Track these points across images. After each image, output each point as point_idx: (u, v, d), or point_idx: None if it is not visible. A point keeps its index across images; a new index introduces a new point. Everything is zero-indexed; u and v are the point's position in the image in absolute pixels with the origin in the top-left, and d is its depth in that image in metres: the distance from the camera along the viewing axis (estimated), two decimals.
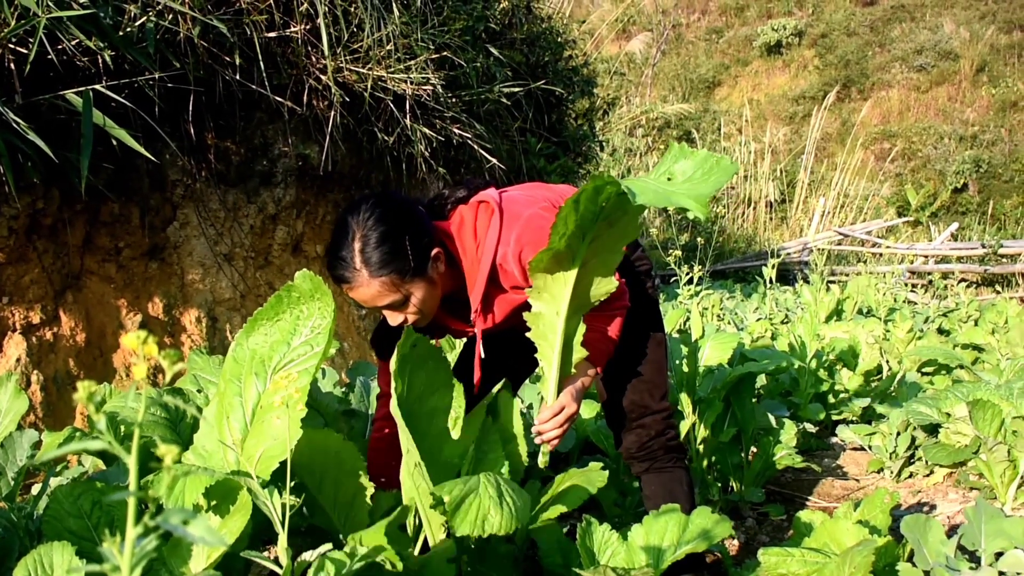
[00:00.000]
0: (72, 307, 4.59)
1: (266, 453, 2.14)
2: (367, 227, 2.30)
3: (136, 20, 4.37)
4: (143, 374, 0.88)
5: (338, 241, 2.33)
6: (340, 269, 2.32)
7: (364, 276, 2.29)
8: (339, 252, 2.32)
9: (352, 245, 2.29)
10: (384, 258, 2.29)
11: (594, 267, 2.22)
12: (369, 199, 2.39)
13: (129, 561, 0.87)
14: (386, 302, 2.36)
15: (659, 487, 2.88)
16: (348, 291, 2.35)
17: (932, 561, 2.54)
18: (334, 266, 2.33)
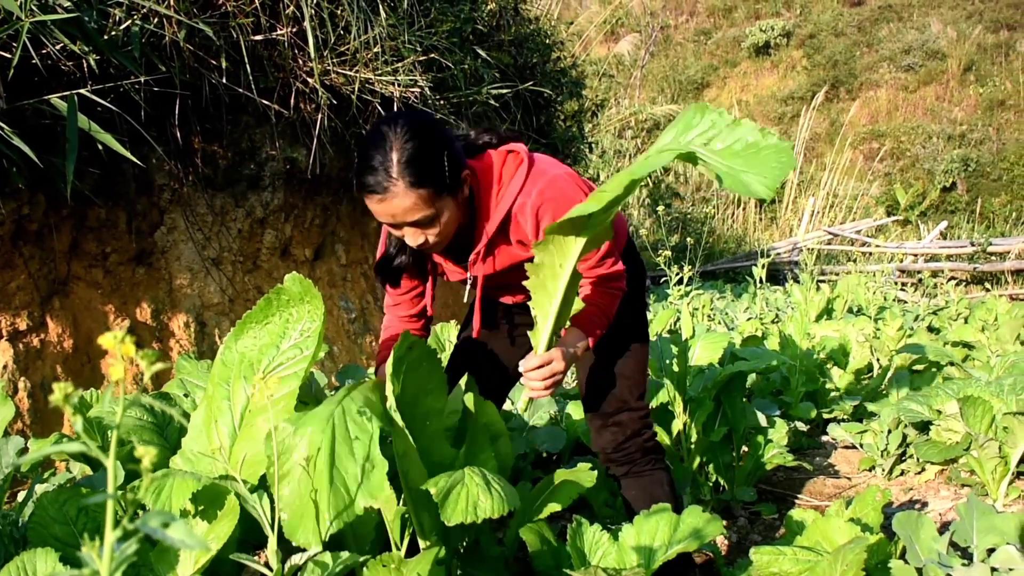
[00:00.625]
0: (59, 313, 4.56)
1: (255, 457, 2.12)
2: (407, 137, 2.23)
3: (121, 24, 4.35)
4: (120, 374, 0.86)
5: (373, 150, 2.23)
6: (374, 178, 2.22)
7: (400, 187, 2.22)
8: (373, 161, 2.22)
9: (390, 155, 2.21)
10: (423, 171, 2.23)
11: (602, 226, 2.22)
12: (405, 114, 2.33)
13: (108, 565, 0.86)
14: (415, 217, 2.29)
15: (639, 491, 2.87)
16: (378, 202, 2.26)
17: (924, 558, 2.53)
18: (366, 174, 2.23)
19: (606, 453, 2.88)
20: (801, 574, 2.45)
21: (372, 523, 2.46)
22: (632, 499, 2.87)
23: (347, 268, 6.97)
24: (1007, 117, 28.40)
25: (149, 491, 1.97)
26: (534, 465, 4.17)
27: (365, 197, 2.27)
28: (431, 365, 2.47)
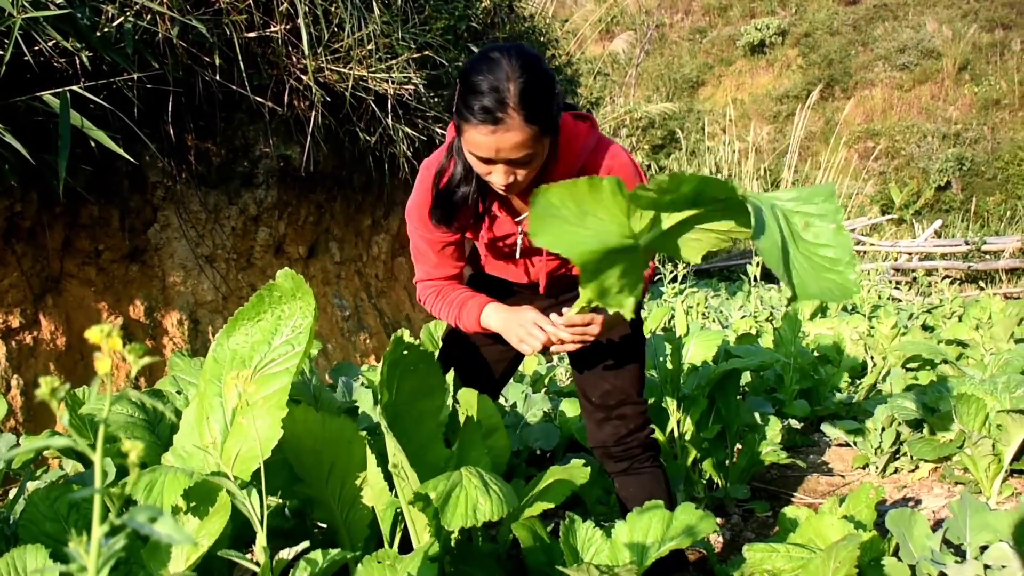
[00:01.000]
0: (52, 311, 4.55)
1: (246, 453, 2.12)
2: (523, 70, 2.14)
3: (114, 21, 4.34)
4: (107, 368, 0.86)
5: (487, 76, 2.14)
6: (490, 106, 2.12)
7: (516, 120, 2.13)
8: (488, 87, 2.12)
9: (508, 85, 2.12)
10: (538, 106, 2.16)
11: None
12: (513, 45, 2.22)
13: (96, 560, 0.85)
14: (519, 154, 2.20)
15: (638, 489, 2.86)
16: (487, 133, 2.15)
17: (917, 555, 2.53)
18: (479, 100, 2.13)
19: (606, 447, 2.87)
20: (794, 571, 2.45)
21: (366, 520, 2.46)
22: (630, 496, 2.86)
23: (341, 265, 6.97)
24: (1002, 116, 28.42)
25: (140, 487, 1.97)
26: (528, 462, 4.17)
27: (471, 127, 2.16)
28: (428, 367, 2.46)
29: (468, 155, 2.28)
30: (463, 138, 2.24)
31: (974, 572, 2.41)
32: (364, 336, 6.89)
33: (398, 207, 7.61)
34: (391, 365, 2.27)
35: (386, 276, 7.64)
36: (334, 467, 2.39)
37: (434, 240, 2.64)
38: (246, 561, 1.93)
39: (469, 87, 2.15)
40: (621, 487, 2.92)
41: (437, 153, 2.54)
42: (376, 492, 2.40)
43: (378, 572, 2.05)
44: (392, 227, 7.62)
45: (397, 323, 7.37)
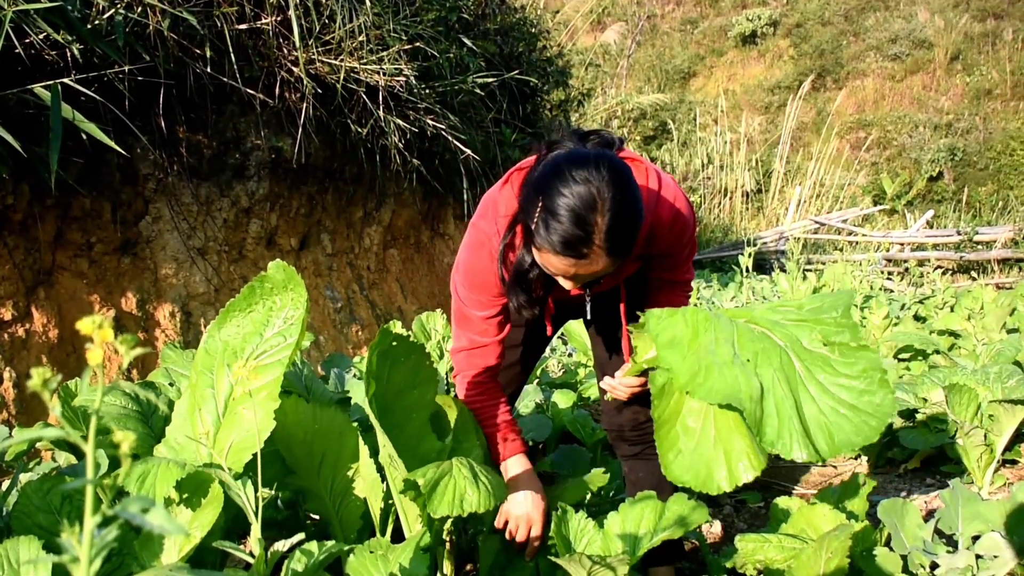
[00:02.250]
0: (44, 303, 4.55)
1: (239, 444, 2.12)
2: (616, 199, 2.00)
3: (104, 13, 4.33)
4: (99, 359, 0.86)
5: (576, 203, 2.00)
6: (578, 241, 2.01)
7: (601, 254, 2.04)
8: (579, 220, 1.99)
9: (596, 218, 1.99)
10: (628, 240, 2.06)
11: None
12: (605, 158, 2.06)
13: (88, 551, 0.86)
14: (599, 276, 2.19)
15: (648, 474, 2.86)
16: (571, 265, 2.07)
17: (909, 545, 2.54)
18: (568, 235, 2.01)
19: (622, 432, 2.86)
20: (786, 561, 2.45)
21: (358, 512, 2.46)
22: (639, 480, 2.86)
23: (333, 257, 6.96)
24: (994, 106, 28.47)
25: (133, 479, 1.97)
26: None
27: (549, 252, 2.07)
28: (418, 358, 2.46)
29: (539, 259, 2.18)
30: (537, 251, 2.14)
31: (966, 562, 2.42)
32: (356, 328, 6.88)
33: (389, 199, 7.60)
34: (380, 356, 2.27)
35: (378, 268, 7.63)
36: (325, 458, 2.40)
37: (485, 304, 2.53)
38: (240, 552, 1.93)
39: (552, 211, 2.02)
40: (631, 470, 2.93)
41: (487, 213, 2.42)
42: (368, 483, 2.40)
43: (370, 562, 2.06)
44: (384, 219, 7.62)
45: (389, 315, 7.37)
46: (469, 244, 2.48)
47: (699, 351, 1.79)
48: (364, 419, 3.17)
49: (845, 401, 1.73)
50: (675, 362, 1.78)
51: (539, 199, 2.06)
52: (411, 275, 8.13)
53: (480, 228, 2.44)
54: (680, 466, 1.94)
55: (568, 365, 6.14)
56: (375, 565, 2.06)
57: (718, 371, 1.73)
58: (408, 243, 8.21)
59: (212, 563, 2.24)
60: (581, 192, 1.99)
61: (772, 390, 1.74)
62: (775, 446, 1.69)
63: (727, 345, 1.81)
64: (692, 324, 1.85)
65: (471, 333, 2.59)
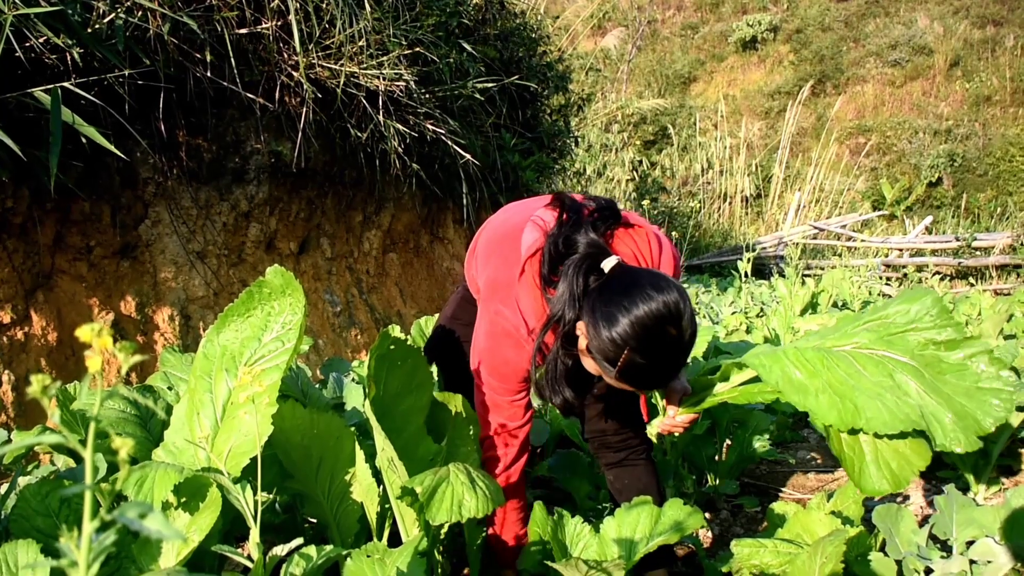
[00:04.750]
0: (43, 306, 4.55)
1: (237, 449, 2.13)
2: (693, 341, 2.24)
3: (105, 17, 4.34)
4: (98, 366, 0.87)
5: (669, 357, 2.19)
6: (663, 381, 2.27)
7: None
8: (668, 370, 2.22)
9: (679, 360, 2.22)
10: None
11: None
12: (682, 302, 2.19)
13: (86, 555, 0.87)
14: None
15: (633, 481, 2.88)
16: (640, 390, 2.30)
17: (904, 550, 2.55)
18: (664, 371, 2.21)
19: (605, 437, 2.88)
20: (782, 566, 2.46)
21: (355, 516, 2.47)
22: (624, 488, 2.87)
23: (332, 261, 6.97)
24: (993, 112, 28.49)
25: (131, 483, 1.98)
26: None
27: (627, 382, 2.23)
28: (416, 362, 2.47)
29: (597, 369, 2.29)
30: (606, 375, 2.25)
31: (960, 567, 2.43)
32: (355, 332, 6.89)
33: (389, 203, 7.61)
34: (379, 360, 2.28)
35: (377, 272, 7.64)
36: (323, 463, 2.40)
37: (515, 390, 2.57)
38: (239, 556, 1.94)
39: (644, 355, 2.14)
40: (615, 479, 2.93)
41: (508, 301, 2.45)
42: (365, 487, 2.42)
43: (367, 566, 2.07)
44: (383, 223, 7.62)
45: (388, 319, 7.37)
46: (493, 333, 2.49)
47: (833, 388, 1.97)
48: (361, 424, 3.18)
49: (973, 388, 1.93)
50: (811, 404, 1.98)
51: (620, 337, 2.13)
52: (410, 279, 8.13)
53: (504, 317, 2.45)
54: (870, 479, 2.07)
55: None
56: (372, 569, 2.06)
57: (874, 405, 1.91)
58: (408, 247, 8.22)
59: (211, 567, 2.25)
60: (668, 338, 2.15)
61: (923, 403, 1.92)
62: (946, 447, 1.90)
63: (860, 377, 1.98)
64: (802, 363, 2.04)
65: (501, 418, 2.60)
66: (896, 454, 2.03)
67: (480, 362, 2.55)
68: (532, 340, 2.38)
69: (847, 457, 2.08)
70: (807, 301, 8.74)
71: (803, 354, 2.03)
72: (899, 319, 2.05)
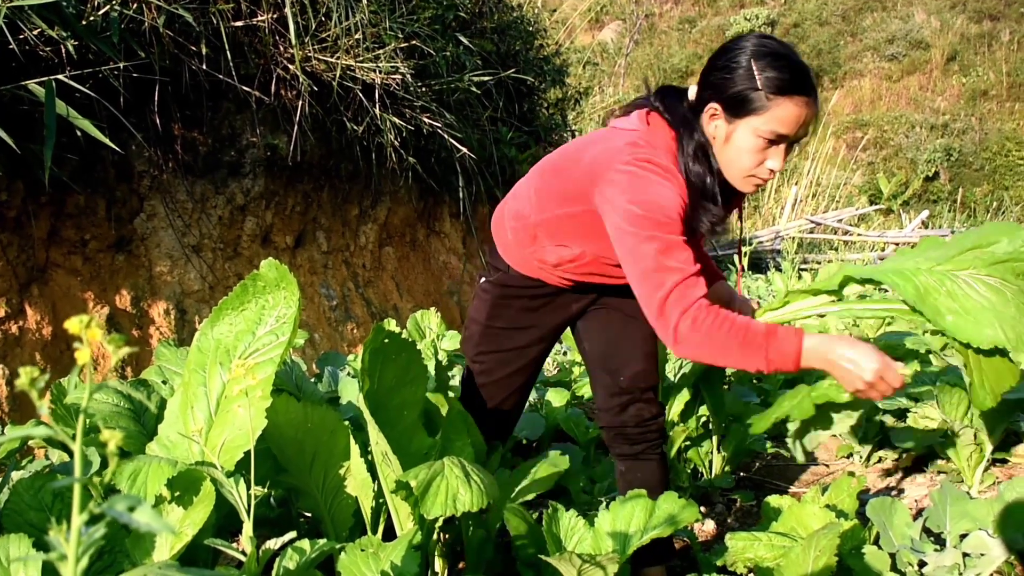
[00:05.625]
0: (38, 300, 4.55)
1: (231, 443, 2.13)
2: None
3: (100, 9, 4.33)
4: (87, 358, 0.87)
5: (790, 55, 2.23)
6: (808, 77, 2.22)
7: (816, 94, 2.25)
8: (798, 64, 2.22)
9: (799, 59, 2.24)
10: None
11: None
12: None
13: (76, 549, 0.86)
14: (808, 129, 2.29)
15: (648, 475, 2.86)
16: (807, 104, 2.21)
17: (898, 544, 2.56)
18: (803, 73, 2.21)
19: (624, 429, 2.83)
20: (776, 560, 2.47)
21: (350, 510, 2.47)
22: (635, 481, 2.83)
23: (328, 255, 6.97)
24: (990, 107, 28.50)
25: (124, 477, 1.97)
26: (513, 452, 4.17)
27: (789, 101, 2.19)
28: (410, 356, 2.47)
29: (753, 141, 2.24)
30: (761, 117, 2.20)
31: (953, 560, 2.43)
32: (351, 326, 6.89)
33: (385, 197, 7.60)
34: (373, 353, 2.28)
35: (373, 266, 7.63)
36: (317, 457, 2.40)
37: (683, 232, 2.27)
38: (232, 550, 1.94)
39: (769, 57, 2.19)
40: (628, 470, 2.90)
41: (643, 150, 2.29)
42: (359, 481, 2.41)
43: (361, 560, 2.06)
44: (379, 216, 7.62)
45: (384, 313, 7.37)
46: (653, 180, 2.25)
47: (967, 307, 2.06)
48: (355, 418, 3.18)
49: None
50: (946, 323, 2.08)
51: (744, 65, 2.21)
52: (407, 273, 8.13)
53: (661, 164, 2.28)
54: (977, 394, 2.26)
55: (563, 364, 6.15)
56: (366, 563, 2.06)
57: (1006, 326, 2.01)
58: (404, 241, 8.22)
59: (204, 561, 2.25)
60: (770, 41, 2.25)
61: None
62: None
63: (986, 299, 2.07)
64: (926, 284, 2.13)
65: (680, 261, 2.22)
66: (995, 372, 2.17)
67: (642, 213, 2.23)
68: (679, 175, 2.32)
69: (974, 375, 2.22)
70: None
71: (932, 275, 2.13)
72: (999, 250, 2.11)
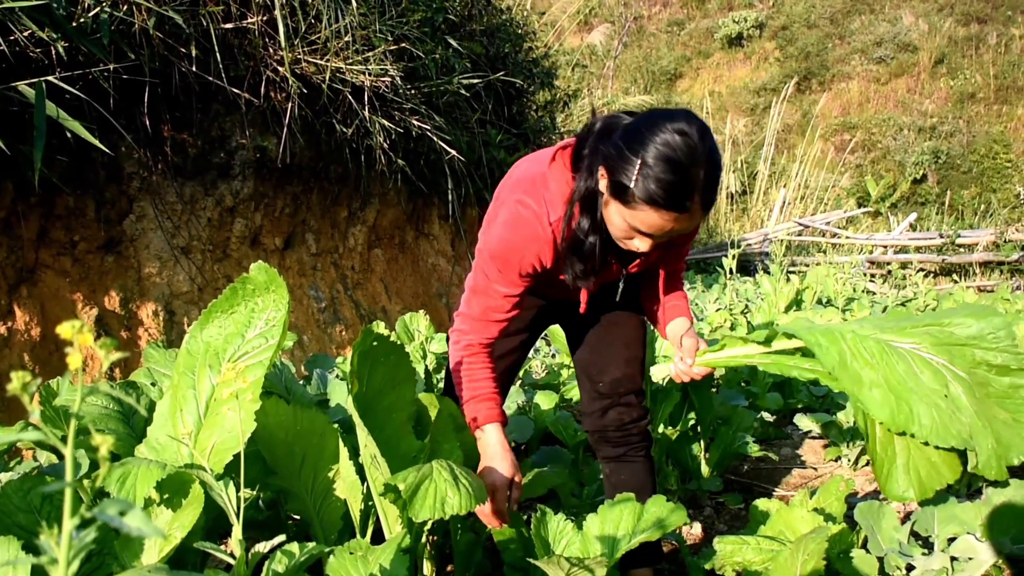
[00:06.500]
0: (27, 301, 4.54)
1: (220, 445, 2.12)
2: (711, 152, 2.05)
3: (90, 11, 4.32)
4: (79, 363, 0.87)
5: (681, 157, 2.00)
6: (684, 192, 2.01)
7: (698, 208, 2.06)
8: (684, 174, 2.00)
9: (699, 172, 2.02)
10: (714, 198, 2.11)
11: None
12: (692, 119, 2.08)
13: (66, 553, 0.86)
14: (678, 232, 2.15)
15: (630, 477, 2.87)
16: (672, 220, 2.06)
17: (886, 547, 2.56)
18: (673, 184, 2.00)
19: (606, 432, 2.85)
20: (764, 563, 2.47)
21: (339, 513, 2.47)
22: (620, 483, 2.85)
23: (317, 257, 6.96)
24: (977, 110, 28.59)
25: (113, 480, 1.97)
26: None
27: (651, 208, 2.06)
28: (398, 357, 2.47)
29: (620, 222, 2.16)
30: (627, 210, 2.10)
31: (941, 564, 2.43)
32: (340, 328, 6.88)
33: (374, 199, 7.60)
34: (361, 356, 2.28)
35: (362, 268, 7.63)
36: (306, 459, 2.40)
37: (512, 283, 2.45)
38: (221, 552, 1.93)
39: (660, 163, 2.01)
40: (612, 473, 2.92)
41: (531, 190, 2.35)
42: (348, 484, 2.41)
43: (350, 563, 2.06)
44: (368, 219, 7.61)
45: (373, 315, 7.37)
46: (508, 221, 2.38)
47: (890, 385, 1.88)
48: (344, 420, 3.17)
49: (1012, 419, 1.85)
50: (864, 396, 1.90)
51: (637, 154, 2.04)
52: (395, 275, 8.13)
53: (525, 204, 2.35)
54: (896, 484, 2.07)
55: (551, 367, 6.15)
56: (355, 566, 2.06)
57: (927, 413, 1.84)
58: (393, 243, 8.21)
59: (193, 564, 2.25)
60: (680, 144, 2.00)
61: (972, 423, 1.84)
62: (978, 470, 1.81)
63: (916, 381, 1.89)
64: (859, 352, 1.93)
65: (485, 304, 2.49)
66: (928, 463, 2.01)
67: (486, 246, 2.44)
68: (555, 232, 2.32)
69: (878, 457, 2.06)
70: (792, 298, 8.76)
71: (863, 342, 1.95)
72: (960, 331, 1.95)
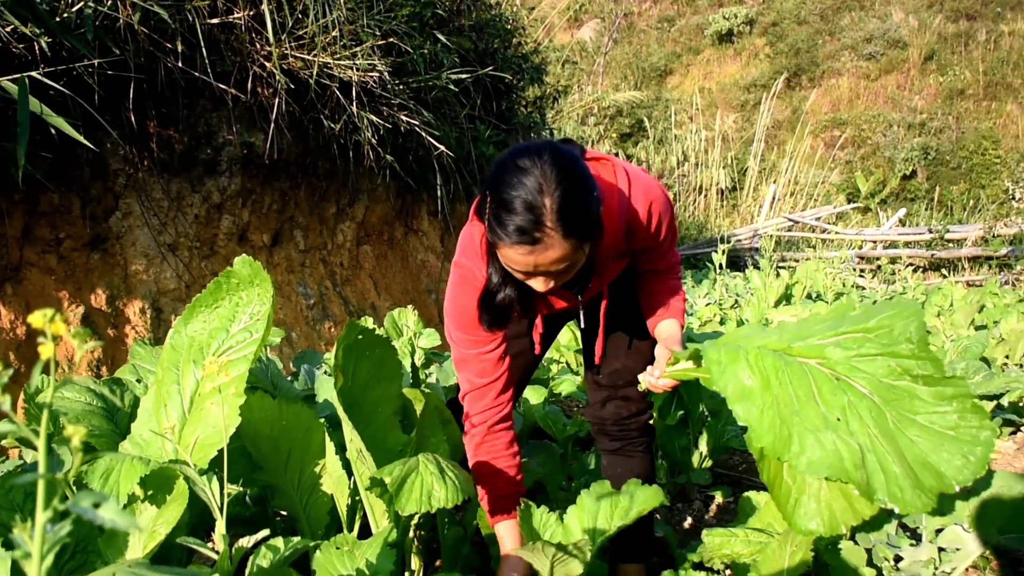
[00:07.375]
0: (11, 300, 4.51)
1: (204, 441, 2.11)
2: (561, 178, 1.95)
3: (73, 6, 4.30)
4: (51, 353, 0.85)
5: (521, 191, 1.95)
6: (529, 225, 1.94)
7: (556, 237, 1.96)
8: (526, 204, 1.94)
9: (544, 200, 1.93)
10: (580, 217, 1.98)
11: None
12: (546, 147, 2.02)
13: (40, 546, 0.85)
14: (560, 267, 2.05)
15: (626, 471, 2.87)
16: (526, 253, 1.99)
17: (874, 539, 2.56)
18: (514, 220, 1.95)
19: (604, 426, 2.87)
20: (752, 555, 2.47)
21: (325, 508, 2.46)
22: (616, 476, 2.86)
23: (305, 254, 6.94)
24: (966, 106, 28.69)
25: (97, 475, 1.96)
26: None
27: (506, 246, 2.01)
28: (384, 352, 2.46)
29: (505, 265, 2.13)
30: (499, 252, 2.08)
31: (929, 555, 2.44)
32: (328, 324, 6.87)
33: (363, 195, 7.58)
34: (346, 349, 2.27)
35: (351, 264, 7.61)
36: (292, 454, 2.39)
37: (479, 342, 2.45)
38: (205, 548, 1.92)
39: (501, 203, 1.98)
40: (609, 465, 2.93)
41: (466, 249, 2.37)
42: (335, 479, 2.41)
43: (337, 558, 2.06)
44: (357, 215, 7.60)
45: (362, 311, 7.35)
46: (453, 283, 2.43)
47: (779, 408, 1.66)
48: (331, 416, 3.17)
49: (944, 434, 1.61)
50: (752, 420, 1.66)
51: (486, 195, 2.04)
52: (384, 271, 8.11)
53: (462, 265, 2.39)
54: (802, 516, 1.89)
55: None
56: (341, 561, 2.06)
57: (814, 439, 1.60)
58: (382, 239, 8.20)
59: (178, 559, 2.24)
60: (524, 179, 1.95)
61: (872, 448, 1.61)
62: (888, 503, 1.56)
63: (811, 403, 1.66)
64: (760, 370, 1.71)
65: (470, 374, 2.50)
66: (842, 495, 1.86)
67: (446, 316, 2.48)
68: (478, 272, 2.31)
69: (783, 484, 1.90)
70: (781, 293, 8.78)
71: (763, 359, 1.73)
72: (881, 337, 1.71)
